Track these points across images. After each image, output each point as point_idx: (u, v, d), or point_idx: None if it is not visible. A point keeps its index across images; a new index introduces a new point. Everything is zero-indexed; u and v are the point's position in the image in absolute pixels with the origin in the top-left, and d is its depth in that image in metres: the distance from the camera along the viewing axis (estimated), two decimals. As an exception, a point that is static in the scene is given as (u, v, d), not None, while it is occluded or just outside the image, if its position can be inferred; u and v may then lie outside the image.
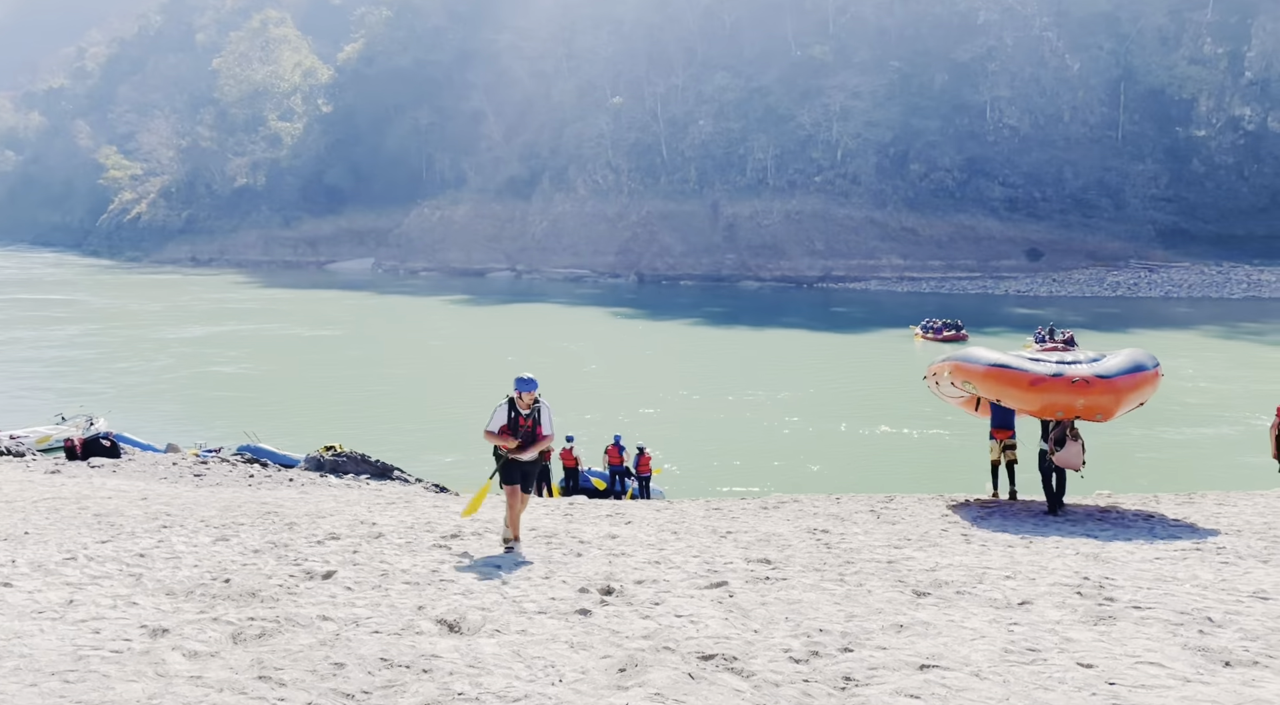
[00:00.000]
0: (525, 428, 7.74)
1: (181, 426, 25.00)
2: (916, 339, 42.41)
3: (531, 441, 7.80)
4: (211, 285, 76.94)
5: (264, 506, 10.09)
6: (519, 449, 7.75)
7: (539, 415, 7.79)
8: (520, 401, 7.72)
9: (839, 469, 21.62)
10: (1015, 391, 10.22)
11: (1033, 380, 9.96)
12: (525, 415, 7.73)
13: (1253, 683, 4.38)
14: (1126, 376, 10.04)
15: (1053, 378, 9.88)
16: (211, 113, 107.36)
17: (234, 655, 4.62)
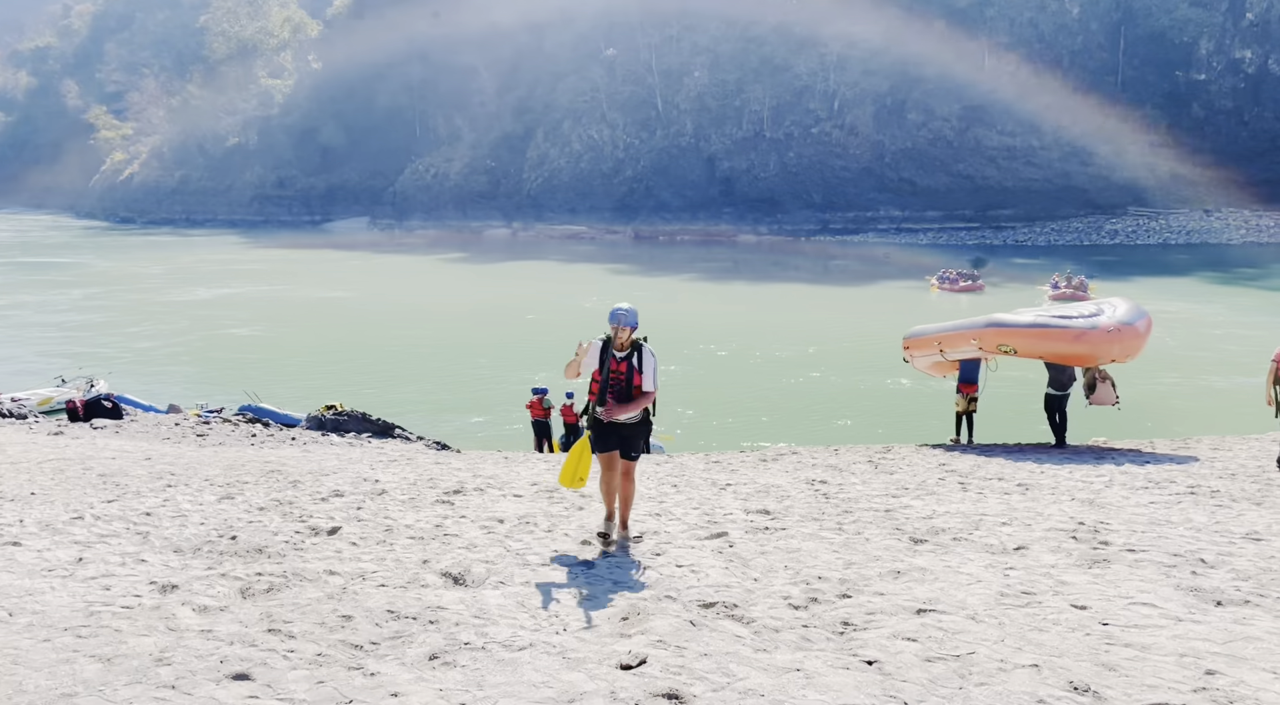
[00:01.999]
0: (618, 377, 6.06)
1: (189, 388, 25.03)
2: (933, 289, 42.55)
3: (625, 398, 6.07)
4: (210, 246, 76.55)
5: (267, 465, 10.17)
6: (607, 409, 6.04)
7: (639, 362, 6.08)
8: (615, 339, 6.09)
9: (841, 420, 21.74)
10: (1061, 345, 11.44)
11: (1076, 334, 11.26)
12: (620, 358, 6.07)
13: (1244, 621, 4.47)
14: (1144, 322, 11.63)
15: (1091, 330, 11.24)
16: (201, 70, 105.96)
17: (243, 609, 4.70)
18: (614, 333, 6.08)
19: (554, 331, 34.59)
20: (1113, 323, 11.33)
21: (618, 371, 6.07)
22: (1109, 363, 11.55)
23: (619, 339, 6.08)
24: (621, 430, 6.16)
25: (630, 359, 6.07)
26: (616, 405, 6.05)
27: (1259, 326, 30.29)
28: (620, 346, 6.08)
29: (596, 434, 6.19)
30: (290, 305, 43.94)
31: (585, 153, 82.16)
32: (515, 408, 19.11)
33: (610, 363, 6.09)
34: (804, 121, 75.47)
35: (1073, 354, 11.50)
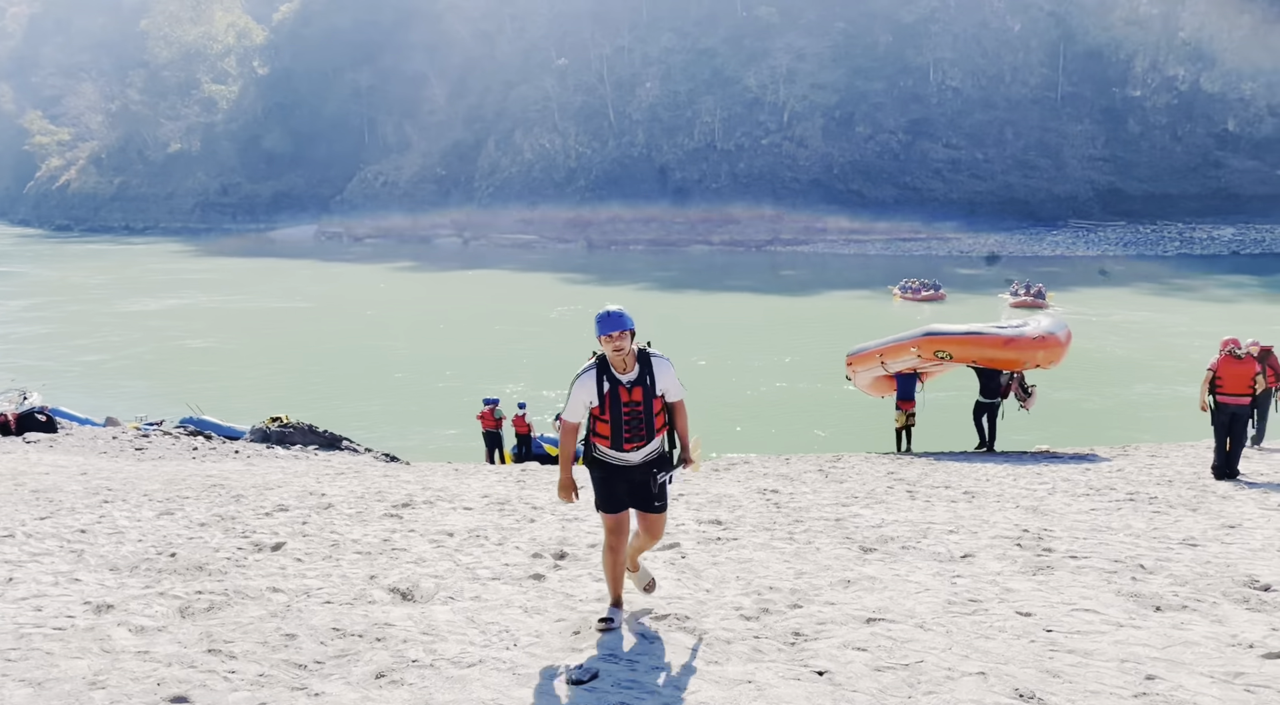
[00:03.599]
0: (634, 409, 4.48)
1: (138, 402, 24.35)
2: (895, 299, 43.43)
3: (650, 432, 4.56)
4: (154, 255, 74.84)
5: (209, 479, 9.92)
6: (626, 443, 4.51)
7: (652, 377, 4.53)
8: (613, 355, 4.45)
9: (793, 430, 21.92)
10: (991, 350, 12.79)
11: (1005, 340, 12.69)
12: (630, 384, 4.48)
13: (1181, 626, 4.58)
14: (1065, 333, 13.03)
15: (1019, 337, 12.64)
16: (141, 76, 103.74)
17: (182, 629, 4.56)
18: (610, 348, 4.42)
19: (510, 343, 34.46)
20: (1037, 331, 12.80)
21: (632, 402, 4.47)
22: (1034, 367, 12.83)
23: (619, 356, 4.43)
24: (634, 473, 4.57)
25: (643, 381, 4.49)
26: (642, 439, 4.53)
27: (1201, 335, 31.23)
28: (622, 364, 4.46)
29: (603, 485, 4.58)
30: (242, 316, 43.11)
31: (537, 162, 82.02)
32: (467, 419, 18.95)
33: (619, 393, 4.46)
34: (754, 133, 76.27)
35: (1002, 358, 12.74)
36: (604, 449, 4.56)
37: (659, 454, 4.67)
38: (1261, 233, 64.84)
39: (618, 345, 4.40)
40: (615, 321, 4.38)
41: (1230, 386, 9.45)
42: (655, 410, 4.55)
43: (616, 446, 4.52)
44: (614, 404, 4.47)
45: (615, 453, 4.54)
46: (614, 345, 4.40)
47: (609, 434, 4.51)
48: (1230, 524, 6.96)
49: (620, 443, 4.51)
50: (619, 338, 4.40)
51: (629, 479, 4.58)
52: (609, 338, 4.40)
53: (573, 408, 4.55)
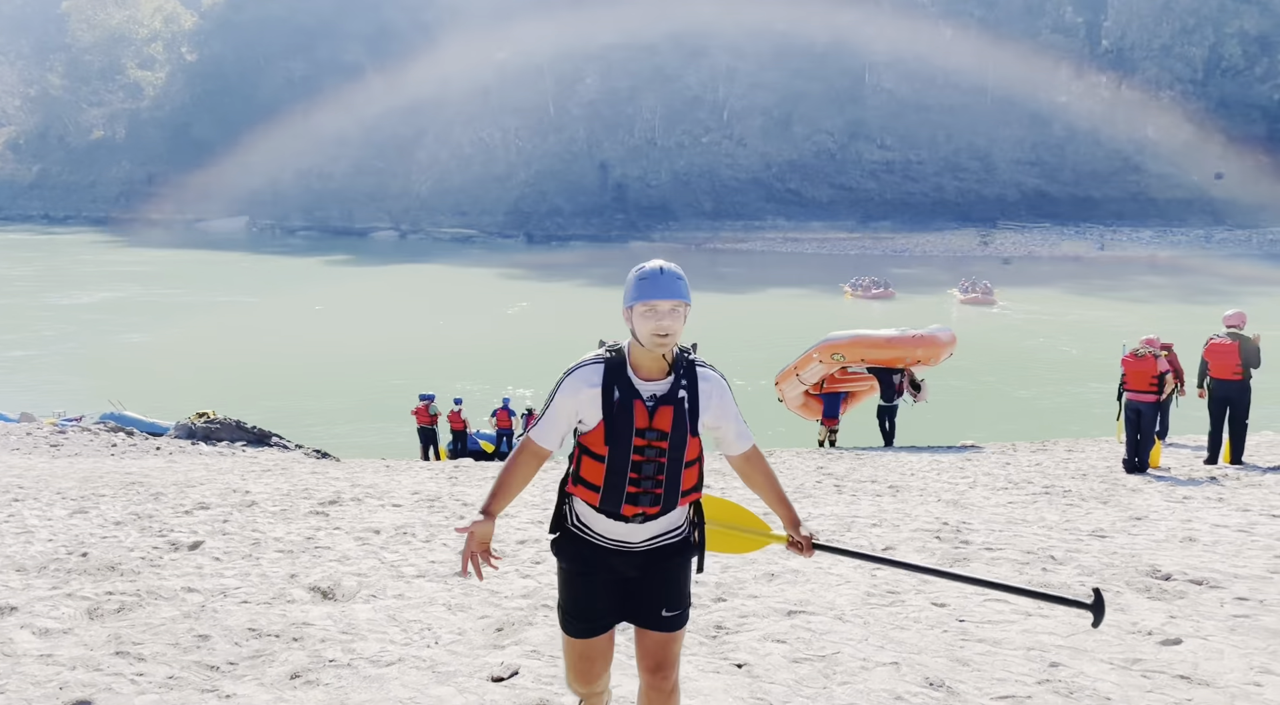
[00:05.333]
0: (655, 449, 2.72)
1: (66, 399, 23.39)
2: (847, 297, 44.30)
3: (673, 495, 2.78)
4: (79, 246, 72.25)
5: (128, 477, 9.63)
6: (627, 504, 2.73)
7: (694, 397, 2.78)
8: (650, 343, 2.70)
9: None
10: (875, 350, 14.45)
11: (887, 340, 14.48)
12: (650, 399, 2.73)
13: (1086, 615, 4.75)
14: (946, 335, 14.88)
15: (899, 337, 14.45)
16: (63, 59, 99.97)
17: (89, 631, 4.43)
18: (649, 329, 2.67)
19: (459, 340, 34.07)
20: (917, 332, 14.57)
21: (653, 433, 2.71)
22: (915, 363, 14.43)
23: (658, 347, 2.69)
24: (632, 564, 2.82)
25: (677, 400, 2.73)
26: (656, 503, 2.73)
27: (1115, 331, 32.29)
28: (656, 370, 2.74)
29: (576, 579, 2.85)
30: (181, 310, 41.83)
31: (476, 156, 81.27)
32: (404, 414, 18.72)
33: (635, 412, 2.70)
34: (694, 131, 76.69)
35: (885, 356, 14.42)
36: (587, 511, 2.76)
37: (680, 536, 2.86)
38: (1178, 236, 67.44)
39: (664, 326, 2.62)
40: (669, 284, 2.67)
41: (1133, 383, 9.84)
42: (688, 457, 2.75)
43: (610, 510, 2.71)
44: (620, 430, 2.67)
45: (606, 522, 2.74)
46: (657, 325, 2.62)
47: (600, 484, 2.70)
48: (1137, 516, 7.24)
49: (618, 503, 2.69)
50: (670, 312, 2.65)
51: (621, 571, 2.81)
52: (650, 309, 2.64)
53: (549, 422, 2.75)
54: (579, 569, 2.85)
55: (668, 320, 2.67)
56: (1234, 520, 6.95)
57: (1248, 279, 50.37)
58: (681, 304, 2.71)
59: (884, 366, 14.57)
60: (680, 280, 2.73)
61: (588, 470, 2.77)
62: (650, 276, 2.73)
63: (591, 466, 2.76)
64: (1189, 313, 37.17)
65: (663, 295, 2.68)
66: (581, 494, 2.78)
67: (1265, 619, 4.57)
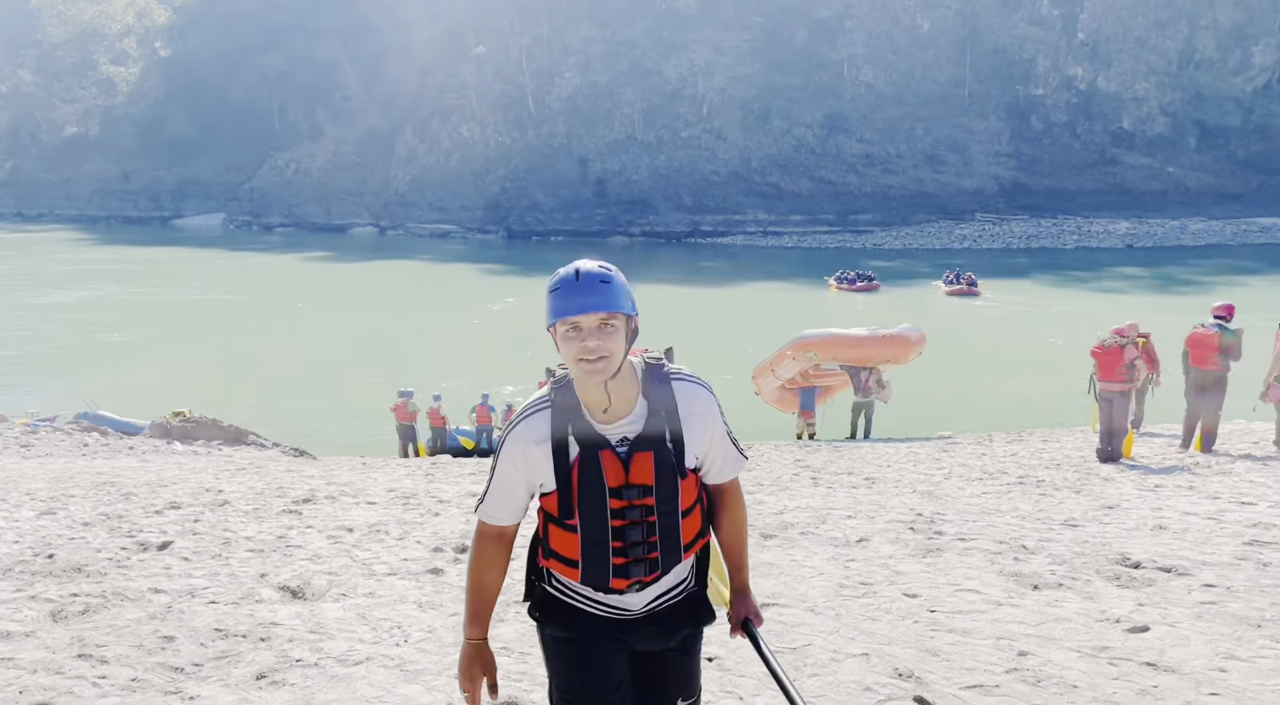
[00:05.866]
0: (634, 500, 2.07)
1: (42, 398, 22.98)
2: (831, 289, 44.30)
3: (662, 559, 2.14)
4: (53, 244, 71.30)
5: (99, 477, 9.52)
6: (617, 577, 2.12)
7: (677, 428, 2.11)
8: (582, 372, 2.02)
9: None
10: (845, 349, 14.95)
11: (856, 340, 15.01)
12: (619, 443, 2.07)
13: (1055, 603, 4.78)
14: (915, 335, 15.35)
15: (869, 337, 14.96)
16: (34, 55, 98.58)
17: (52, 634, 4.36)
18: (573, 353, 2.02)
19: (443, 337, 33.89)
20: (886, 332, 15.07)
21: (634, 489, 2.09)
22: (884, 362, 14.92)
23: (593, 375, 2.02)
24: (635, 632, 2.24)
25: (656, 439, 2.09)
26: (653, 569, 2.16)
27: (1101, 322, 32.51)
28: (607, 401, 2.07)
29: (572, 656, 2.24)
30: (161, 308, 41.34)
31: (455, 151, 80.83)
32: (386, 411, 18.62)
33: (604, 466, 2.07)
34: (674, 125, 76.59)
35: (855, 355, 14.91)
36: (567, 582, 2.20)
37: (687, 593, 2.28)
38: (1153, 227, 68.04)
39: (590, 348, 1.99)
40: (589, 291, 2.00)
41: (1103, 373, 9.93)
42: (684, 505, 2.14)
43: (596, 582, 2.15)
44: (589, 495, 2.06)
45: (594, 593, 2.18)
46: (582, 347, 1.99)
47: (577, 557, 2.13)
48: (1109, 505, 7.30)
49: (604, 578, 2.13)
50: (598, 330, 2.00)
51: (622, 640, 2.22)
52: (572, 328, 2.01)
53: (497, 497, 2.15)
54: (576, 635, 2.19)
55: (595, 339, 1.97)
56: (1204, 508, 7.02)
57: (1224, 270, 50.91)
58: (614, 316, 1.99)
59: (856, 364, 15.09)
60: (607, 283, 2.01)
61: (559, 542, 2.14)
62: (564, 285, 2.02)
63: (562, 538, 2.12)
64: (1167, 303, 37.52)
65: (583, 309, 1.98)
66: (557, 568, 2.18)
67: (1231, 605, 4.61)
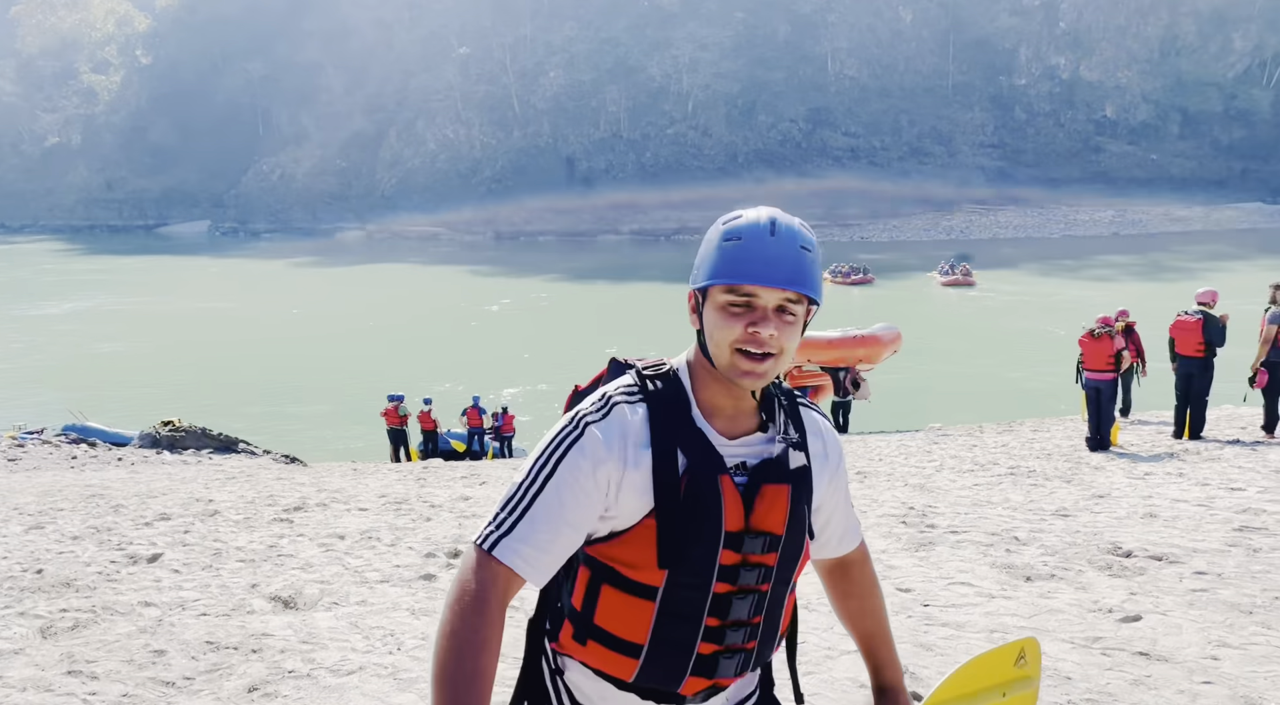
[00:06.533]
0: (751, 558, 1.33)
1: (35, 412, 22.81)
2: (826, 283, 44.26)
3: (759, 646, 1.42)
4: (39, 254, 70.84)
5: (88, 489, 9.46)
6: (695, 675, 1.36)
7: (807, 463, 1.41)
8: (727, 371, 1.33)
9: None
10: (819, 350, 15.04)
11: (830, 341, 15.11)
12: (738, 470, 1.35)
13: (1048, 594, 4.79)
14: (889, 335, 15.54)
15: (841, 338, 15.09)
16: (13, 65, 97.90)
17: (41, 651, 4.33)
18: (725, 342, 1.33)
19: (438, 340, 33.80)
20: (860, 332, 15.24)
21: (759, 541, 1.34)
22: (858, 362, 15.14)
23: (750, 383, 1.34)
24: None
25: (787, 470, 1.37)
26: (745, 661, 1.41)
27: (1094, 310, 32.68)
28: (740, 417, 1.40)
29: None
30: (154, 318, 41.05)
31: (441, 152, 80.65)
32: (376, 416, 18.56)
33: (724, 495, 1.31)
34: (660, 122, 76.61)
35: (830, 356, 15.06)
36: (598, 686, 1.43)
37: (757, 695, 1.63)
38: (1138, 214, 68.37)
39: (763, 334, 1.33)
40: (782, 253, 1.34)
41: (1090, 362, 9.96)
42: (797, 576, 1.48)
43: (660, 681, 1.39)
44: (696, 534, 1.32)
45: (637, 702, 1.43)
46: (750, 329, 1.33)
47: (643, 640, 1.36)
48: (1100, 494, 7.32)
49: (677, 675, 1.38)
50: (771, 308, 1.34)
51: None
52: (738, 299, 1.34)
53: (535, 526, 1.31)
54: None
55: (772, 327, 1.31)
56: (1193, 495, 7.04)
57: (1209, 255, 51.20)
58: (802, 301, 1.34)
59: (832, 365, 15.32)
60: (809, 251, 1.35)
61: (614, 614, 1.35)
62: (751, 236, 1.34)
63: (622, 607, 1.34)
64: (1154, 290, 37.73)
65: (770, 279, 1.31)
66: (595, 658, 1.38)
67: (1223, 592, 4.63)
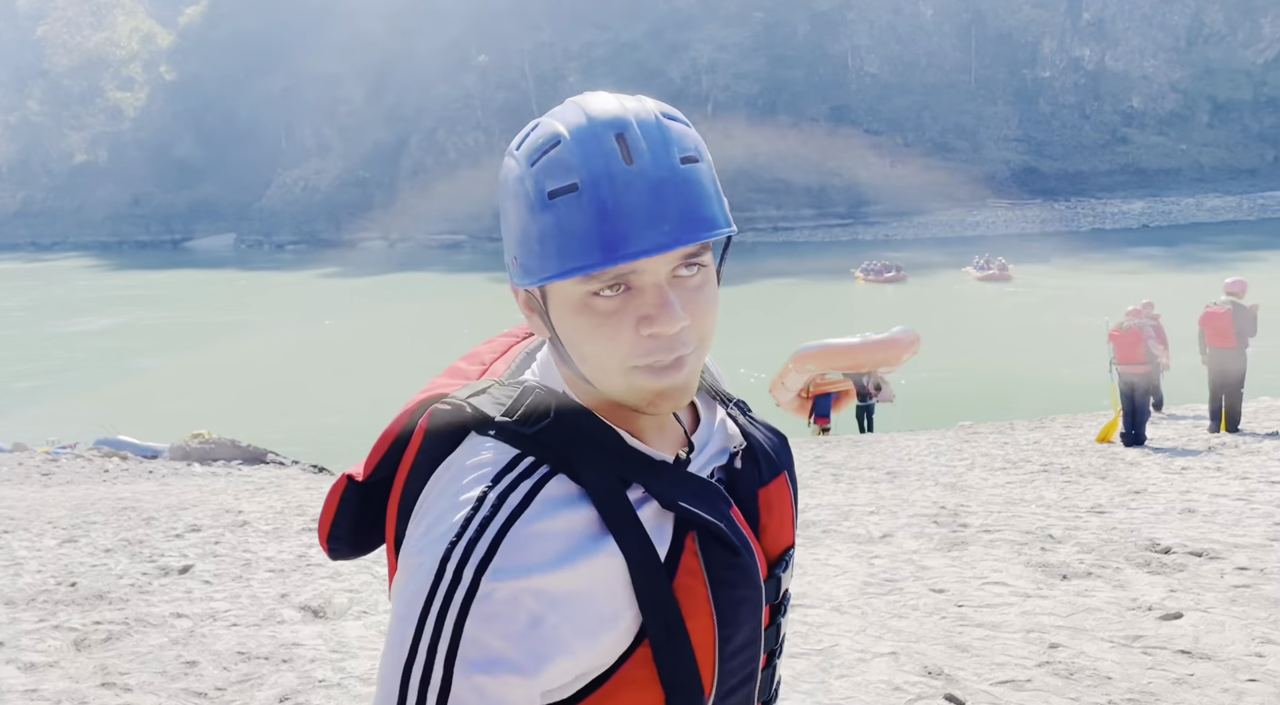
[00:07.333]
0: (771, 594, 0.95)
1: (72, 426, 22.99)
2: (859, 281, 43.97)
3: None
4: (72, 271, 71.95)
5: (120, 502, 9.55)
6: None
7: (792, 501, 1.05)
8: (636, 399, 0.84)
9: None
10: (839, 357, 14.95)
11: (848, 347, 14.85)
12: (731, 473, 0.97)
13: (1085, 593, 4.69)
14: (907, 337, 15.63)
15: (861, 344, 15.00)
16: (41, 85, 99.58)
17: (75, 663, 4.36)
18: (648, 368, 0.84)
19: (453, 349, 33.89)
20: (878, 337, 15.42)
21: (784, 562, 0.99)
22: (878, 367, 15.07)
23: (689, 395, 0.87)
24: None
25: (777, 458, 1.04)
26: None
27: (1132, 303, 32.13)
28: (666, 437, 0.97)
29: None
30: (188, 332, 41.36)
31: (461, 160, 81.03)
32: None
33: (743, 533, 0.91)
34: (679, 125, 76.59)
35: (849, 362, 14.98)
36: None
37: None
38: (1168, 205, 67.39)
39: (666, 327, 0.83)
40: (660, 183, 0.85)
41: (1123, 356, 9.82)
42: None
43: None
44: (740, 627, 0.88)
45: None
46: (653, 331, 0.83)
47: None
48: (1136, 490, 7.19)
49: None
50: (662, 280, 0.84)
51: None
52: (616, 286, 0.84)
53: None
54: None
55: (675, 308, 0.86)
56: (1233, 489, 6.90)
57: (1242, 245, 50.34)
58: (705, 251, 0.89)
59: (853, 371, 15.51)
60: (697, 163, 0.93)
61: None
62: (591, 176, 0.89)
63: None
64: (1186, 282, 37.10)
65: (655, 243, 0.84)
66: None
67: (1266, 588, 4.52)
